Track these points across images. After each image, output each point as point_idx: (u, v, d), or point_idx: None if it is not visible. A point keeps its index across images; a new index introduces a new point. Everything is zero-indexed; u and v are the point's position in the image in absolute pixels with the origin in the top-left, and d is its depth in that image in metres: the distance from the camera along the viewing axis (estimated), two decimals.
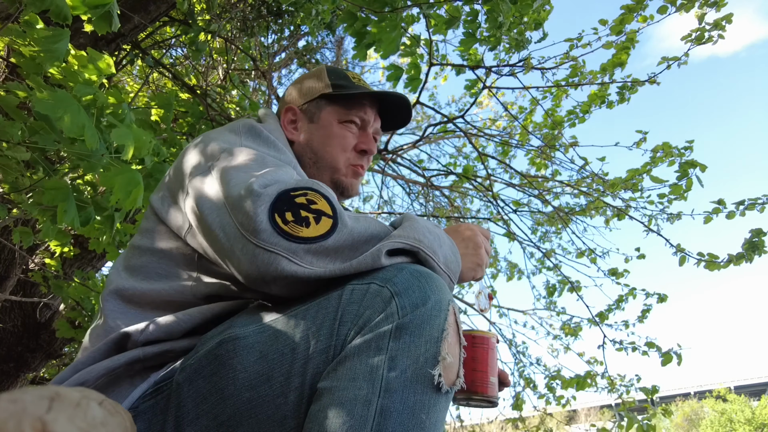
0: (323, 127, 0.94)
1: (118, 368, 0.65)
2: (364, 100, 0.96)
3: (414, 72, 2.01)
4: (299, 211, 0.62)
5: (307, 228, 0.61)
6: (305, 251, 0.60)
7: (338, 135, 0.94)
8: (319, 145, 0.93)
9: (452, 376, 0.56)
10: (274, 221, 0.61)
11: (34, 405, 0.36)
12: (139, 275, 0.76)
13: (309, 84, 0.98)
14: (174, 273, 0.75)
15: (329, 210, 0.64)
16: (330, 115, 0.95)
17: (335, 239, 0.62)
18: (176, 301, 0.73)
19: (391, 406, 0.52)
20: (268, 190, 0.63)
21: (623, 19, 2.30)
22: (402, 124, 1.06)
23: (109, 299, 0.75)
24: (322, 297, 0.60)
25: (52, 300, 2.32)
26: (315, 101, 0.95)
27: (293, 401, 0.56)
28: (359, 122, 0.96)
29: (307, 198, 0.64)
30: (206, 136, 0.81)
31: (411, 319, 0.55)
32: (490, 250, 0.82)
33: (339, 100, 0.95)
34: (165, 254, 0.76)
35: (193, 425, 0.59)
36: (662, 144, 2.50)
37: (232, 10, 2.56)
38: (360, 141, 0.96)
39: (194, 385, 0.60)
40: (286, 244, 0.60)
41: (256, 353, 0.58)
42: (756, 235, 2.20)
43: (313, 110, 0.95)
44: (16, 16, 1.09)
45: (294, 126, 0.96)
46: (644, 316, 3.11)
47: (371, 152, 0.97)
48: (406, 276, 0.59)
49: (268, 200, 0.62)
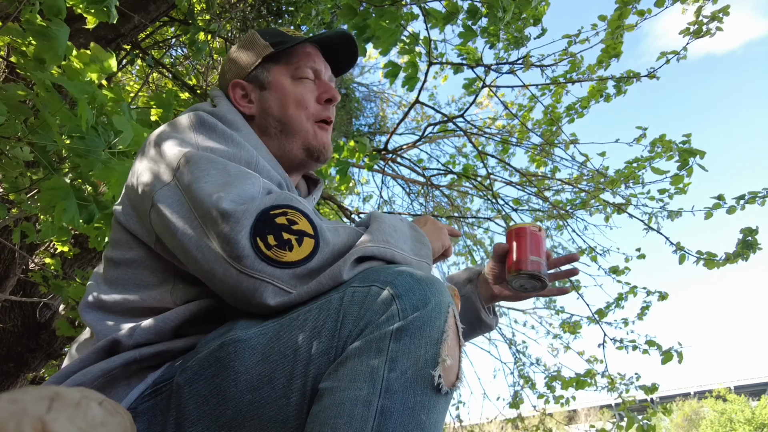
0: (277, 89, 0.88)
1: (114, 369, 0.65)
2: (307, 48, 0.91)
3: (412, 71, 2.01)
4: (281, 233, 0.61)
5: (291, 252, 0.61)
6: (290, 276, 0.61)
7: (296, 93, 0.88)
8: (279, 110, 0.87)
9: (452, 378, 0.57)
10: (257, 246, 0.60)
11: (34, 405, 0.36)
12: (117, 287, 0.74)
13: (246, 52, 0.92)
14: (152, 282, 0.74)
15: (310, 229, 0.63)
16: (280, 76, 0.89)
17: (318, 260, 0.62)
18: (158, 307, 0.72)
19: (391, 407, 0.53)
20: (247, 211, 0.61)
21: (621, 14, 2.30)
22: (351, 63, 1.01)
23: (89, 311, 0.73)
24: (323, 299, 0.61)
25: (52, 300, 2.32)
26: (259, 67, 0.90)
27: (295, 402, 0.56)
28: (312, 74, 0.90)
29: (287, 218, 0.63)
30: (159, 136, 0.76)
31: (411, 321, 0.56)
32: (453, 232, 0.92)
33: (283, 57, 0.90)
34: (139, 264, 0.74)
35: (194, 427, 0.59)
36: (660, 137, 2.50)
37: (232, 10, 2.56)
38: (321, 92, 0.91)
39: (195, 386, 0.60)
40: (271, 270, 0.60)
41: (257, 355, 0.58)
42: (748, 234, 2.22)
43: (261, 77, 0.89)
44: (16, 15, 1.09)
45: (247, 99, 0.89)
46: (643, 314, 3.11)
47: (335, 99, 0.92)
48: (407, 278, 0.59)
49: (248, 223, 0.60)
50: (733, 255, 2.26)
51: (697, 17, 2.21)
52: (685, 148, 2.37)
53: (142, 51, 2.47)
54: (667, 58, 2.36)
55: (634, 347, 2.95)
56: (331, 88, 0.92)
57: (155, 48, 2.97)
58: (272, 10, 2.61)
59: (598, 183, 2.85)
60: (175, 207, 0.67)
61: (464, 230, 4.10)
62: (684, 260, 2.42)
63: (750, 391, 23.03)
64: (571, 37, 2.46)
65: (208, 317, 0.71)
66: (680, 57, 2.33)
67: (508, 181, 3.55)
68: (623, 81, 2.53)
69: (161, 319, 0.68)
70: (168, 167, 0.70)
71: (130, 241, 0.75)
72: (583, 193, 3.04)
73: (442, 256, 0.86)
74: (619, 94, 2.64)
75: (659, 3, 2.19)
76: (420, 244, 0.75)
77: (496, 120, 4.64)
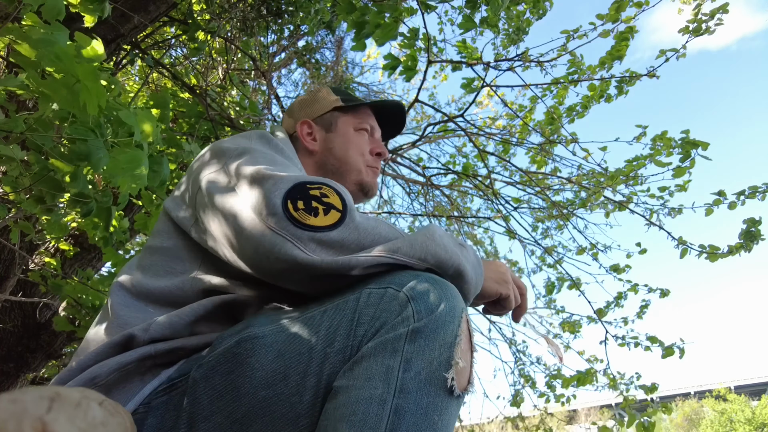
0: (341, 134, 1.03)
1: (130, 364, 0.66)
2: (369, 109, 1.08)
3: (412, 63, 2.00)
4: (311, 201, 0.66)
5: (315, 217, 0.65)
6: (309, 239, 0.63)
7: (357, 140, 1.03)
8: (341, 150, 1.01)
9: (464, 381, 0.58)
10: (286, 206, 0.64)
11: (35, 405, 0.36)
12: (148, 273, 0.79)
13: (317, 100, 1.07)
14: (179, 269, 0.78)
15: (340, 205, 0.67)
16: (346, 124, 1.04)
17: (340, 232, 0.64)
18: (178, 296, 0.75)
19: (405, 406, 0.53)
20: (286, 178, 0.67)
21: (618, 6, 2.30)
22: (398, 130, 1.17)
23: (116, 292, 0.77)
24: (340, 300, 0.62)
25: (52, 300, 2.32)
26: (329, 113, 1.05)
27: (308, 400, 0.57)
28: (369, 129, 1.06)
29: (320, 191, 0.67)
30: (218, 142, 0.86)
31: (426, 323, 0.57)
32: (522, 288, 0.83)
33: (350, 111, 1.06)
34: (172, 252, 0.80)
35: (207, 422, 0.59)
36: (661, 134, 2.50)
37: (232, 10, 2.55)
38: (373, 146, 1.06)
39: (210, 382, 0.61)
40: (293, 229, 0.63)
41: (273, 352, 0.59)
42: (752, 225, 2.21)
43: (328, 121, 1.04)
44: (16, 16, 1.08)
45: (312, 137, 1.03)
46: (642, 312, 3.10)
47: (385, 155, 1.07)
48: (422, 282, 0.60)
49: (284, 186, 0.66)
50: (735, 246, 2.25)
51: (696, 15, 2.20)
52: (687, 140, 2.37)
53: (142, 51, 2.47)
54: (667, 57, 2.35)
55: (636, 344, 2.94)
56: (383, 146, 1.07)
57: (155, 48, 2.97)
58: (272, 10, 2.61)
59: (599, 181, 2.84)
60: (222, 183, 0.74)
61: (464, 230, 4.10)
62: (686, 254, 2.41)
63: (750, 391, 23.04)
64: (569, 32, 2.46)
65: (222, 315, 0.73)
66: (679, 55, 2.32)
67: (509, 180, 3.55)
68: (626, 82, 2.52)
69: (176, 314, 0.71)
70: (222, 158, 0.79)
71: (171, 230, 0.82)
72: (583, 191, 3.04)
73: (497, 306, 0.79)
74: (621, 95, 2.64)
75: None
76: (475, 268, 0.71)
77: (497, 120, 4.64)
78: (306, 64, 3.64)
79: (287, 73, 4.52)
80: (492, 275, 0.77)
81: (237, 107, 2.87)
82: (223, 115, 2.29)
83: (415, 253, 0.64)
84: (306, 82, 4.46)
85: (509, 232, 3.34)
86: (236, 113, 2.82)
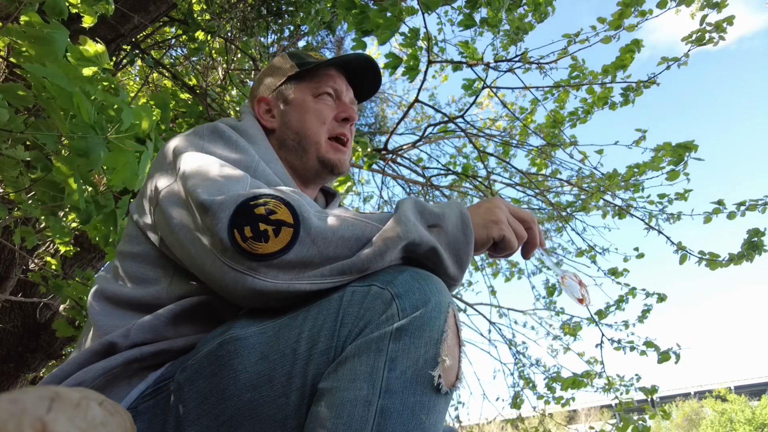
0: (298, 105, 0.93)
1: (115, 368, 0.65)
2: (330, 71, 0.96)
3: (413, 63, 2.00)
4: (258, 224, 0.61)
5: (266, 243, 0.60)
6: (267, 267, 0.60)
7: (314, 109, 0.92)
8: (297, 123, 0.92)
9: (452, 378, 0.57)
10: (234, 239, 0.61)
11: (34, 405, 0.36)
12: (123, 280, 0.77)
13: (273, 71, 0.98)
14: (152, 276, 0.76)
15: (290, 218, 0.61)
16: (302, 93, 0.94)
17: (296, 252, 0.60)
18: (154, 304, 0.73)
19: (391, 407, 0.53)
20: (224, 203, 0.62)
21: (621, 13, 2.30)
22: (373, 89, 1.04)
23: (93, 302, 0.76)
24: (323, 299, 0.61)
25: (52, 300, 2.32)
26: (284, 85, 0.95)
27: (294, 402, 0.56)
28: (332, 92, 0.95)
29: (267, 207, 0.62)
30: (174, 141, 0.80)
31: (411, 320, 0.56)
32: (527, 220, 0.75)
33: (307, 76, 0.95)
34: (144, 258, 0.77)
35: (194, 425, 0.59)
36: (664, 144, 2.50)
37: (232, 10, 2.56)
38: (339, 110, 0.95)
39: (195, 385, 0.60)
40: (248, 262, 0.60)
41: (257, 354, 0.58)
42: (754, 235, 2.20)
43: (284, 93, 0.95)
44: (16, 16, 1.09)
45: (270, 114, 0.95)
46: (644, 316, 3.11)
47: (353, 119, 0.95)
48: (407, 278, 0.59)
49: (225, 215, 0.61)
50: (737, 256, 2.24)
51: (701, 24, 2.20)
52: (679, 144, 2.37)
53: (142, 51, 2.47)
54: (668, 65, 2.35)
55: (632, 348, 2.95)
56: (349, 108, 0.95)
57: (155, 48, 2.97)
58: (272, 10, 2.61)
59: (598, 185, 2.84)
60: (175, 205, 0.70)
61: None
62: (685, 260, 2.41)
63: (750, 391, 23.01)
64: (570, 36, 2.46)
65: (202, 314, 0.72)
66: (681, 63, 2.32)
67: (508, 182, 3.55)
68: (632, 90, 2.52)
69: (155, 315, 0.70)
70: (172, 168, 0.75)
71: (139, 235, 0.79)
72: (583, 194, 3.04)
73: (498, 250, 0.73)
74: (626, 104, 2.61)
75: (661, 4, 2.19)
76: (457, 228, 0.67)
77: (497, 121, 4.64)
78: None
79: None
80: (478, 221, 0.70)
81: (237, 107, 2.87)
82: (223, 115, 2.30)
83: (385, 261, 0.62)
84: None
85: None
86: (236, 113, 2.82)
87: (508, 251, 0.73)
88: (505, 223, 0.71)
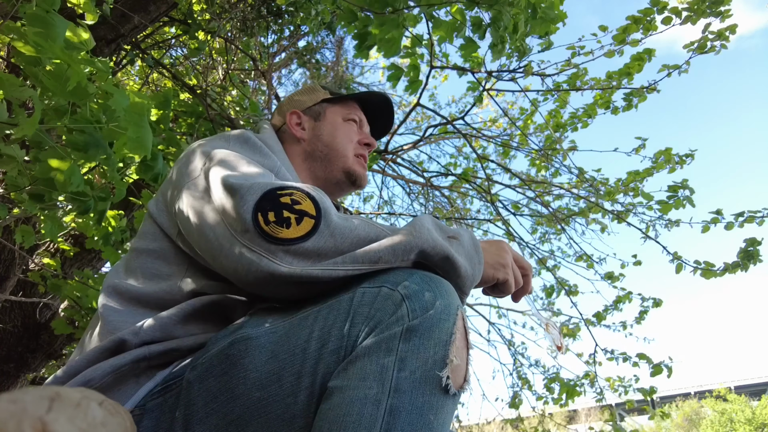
0: (330, 122, 1.05)
1: (124, 366, 0.66)
2: (356, 103, 1.10)
3: (414, 74, 2.01)
4: (282, 211, 0.64)
5: (287, 229, 0.63)
6: (284, 252, 0.62)
7: (345, 128, 1.05)
8: (329, 137, 1.03)
9: (460, 379, 0.58)
10: (257, 221, 0.63)
11: (35, 405, 0.36)
12: (136, 276, 0.78)
13: (307, 92, 1.10)
14: (166, 273, 0.77)
15: (313, 210, 0.65)
16: (333, 114, 1.07)
17: (315, 241, 0.63)
18: (167, 300, 0.74)
19: (400, 406, 0.53)
20: (252, 187, 0.66)
21: (627, 29, 2.30)
22: (387, 128, 1.18)
23: (105, 297, 0.77)
24: (333, 299, 0.62)
25: (53, 300, 2.32)
26: (317, 105, 1.07)
27: (303, 401, 0.57)
28: (358, 120, 1.08)
29: (292, 198, 0.66)
30: (198, 144, 0.85)
31: (420, 322, 0.56)
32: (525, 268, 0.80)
33: (338, 102, 1.08)
34: (159, 255, 0.79)
35: (202, 424, 0.59)
36: (664, 150, 2.51)
37: (232, 10, 2.56)
38: (362, 137, 1.07)
39: (205, 383, 0.60)
40: (266, 245, 0.63)
41: (267, 353, 0.59)
42: (751, 245, 2.21)
43: (317, 111, 1.07)
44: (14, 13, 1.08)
45: (300, 126, 1.05)
46: (642, 318, 3.13)
47: (373, 145, 1.08)
48: (417, 280, 0.60)
49: (253, 198, 0.65)
50: (732, 265, 2.25)
51: (704, 32, 2.20)
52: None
53: (142, 51, 2.47)
54: (669, 72, 2.36)
55: (624, 359, 2.97)
56: (370, 137, 1.09)
57: (155, 48, 2.97)
58: (272, 10, 2.62)
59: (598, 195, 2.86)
60: (198, 196, 0.73)
61: None
62: (681, 269, 2.43)
63: (750, 391, 23.02)
64: (574, 47, 2.46)
65: (212, 314, 0.73)
66: (682, 71, 2.33)
67: (507, 184, 3.56)
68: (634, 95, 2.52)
69: (165, 314, 0.70)
70: (197, 164, 0.79)
71: (156, 233, 0.81)
72: (581, 200, 3.06)
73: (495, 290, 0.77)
74: (628, 109, 2.62)
75: (666, 21, 2.19)
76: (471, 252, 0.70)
77: (497, 121, 4.64)
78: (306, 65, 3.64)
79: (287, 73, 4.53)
80: (489, 260, 0.74)
81: (237, 107, 2.87)
82: (223, 115, 2.29)
83: (397, 258, 0.63)
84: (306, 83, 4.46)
85: (509, 235, 3.35)
86: (236, 113, 2.82)
87: (504, 294, 0.78)
88: (510, 268, 0.76)
